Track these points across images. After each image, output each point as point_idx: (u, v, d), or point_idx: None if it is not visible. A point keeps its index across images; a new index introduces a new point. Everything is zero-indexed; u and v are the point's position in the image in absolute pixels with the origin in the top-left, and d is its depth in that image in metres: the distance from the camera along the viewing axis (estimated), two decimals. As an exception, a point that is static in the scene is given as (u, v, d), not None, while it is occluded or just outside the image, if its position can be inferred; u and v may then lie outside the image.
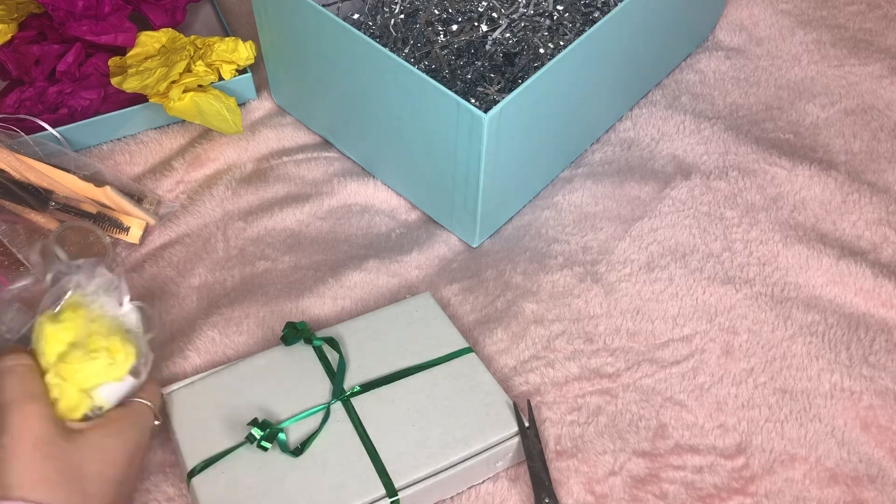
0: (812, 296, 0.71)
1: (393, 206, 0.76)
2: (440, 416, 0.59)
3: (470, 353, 0.63)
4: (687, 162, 0.80)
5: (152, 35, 0.82)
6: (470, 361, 0.62)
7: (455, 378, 0.61)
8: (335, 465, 0.56)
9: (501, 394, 0.61)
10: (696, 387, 0.65)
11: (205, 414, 0.59)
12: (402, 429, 0.58)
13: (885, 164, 0.80)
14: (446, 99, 0.60)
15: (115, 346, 0.56)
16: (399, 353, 0.62)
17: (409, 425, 0.58)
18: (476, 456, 0.58)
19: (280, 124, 0.82)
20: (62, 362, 0.55)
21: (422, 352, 0.62)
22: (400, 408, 0.59)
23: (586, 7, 0.76)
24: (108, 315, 0.57)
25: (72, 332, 0.55)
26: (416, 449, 0.57)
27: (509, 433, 0.59)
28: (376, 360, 0.62)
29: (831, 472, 0.61)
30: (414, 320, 0.65)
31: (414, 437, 0.58)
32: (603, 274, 0.72)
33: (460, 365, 0.62)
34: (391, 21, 0.75)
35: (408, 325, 0.64)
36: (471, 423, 0.59)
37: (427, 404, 0.59)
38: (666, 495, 0.60)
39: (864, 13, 0.94)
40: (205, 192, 0.76)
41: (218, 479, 0.56)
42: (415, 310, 0.66)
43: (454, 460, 0.57)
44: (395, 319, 0.65)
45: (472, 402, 0.60)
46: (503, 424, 0.59)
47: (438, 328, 0.64)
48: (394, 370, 0.61)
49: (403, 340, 0.63)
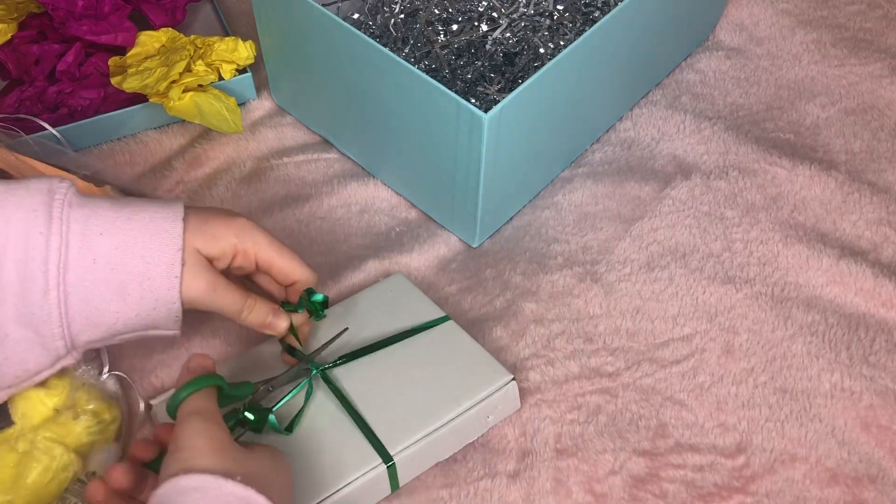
0: (812, 296, 0.71)
1: (393, 206, 0.76)
2: (425, 380, 0.59)
3: (448, 321, 0.64)
4: (687, 162, 0.80)
5: (152, 35, 0.82)
6: (449, 328, 0.63)
7: (435, 343, 0.62)
8: (327, 440, 0.56)
9: (483, 352, 0.62)
10: (696, 386, 0.65)
11: None
12: (389, 396, 0.59)
13: (886, 164, 0.80)
14: (446, 99, 0.60)
15: (101, 408, 0.58)
16: (377, 327, 0.63)
17: (395, 393, 0.59)
18: (466, 412, 0.58)
19: (280, 124, 0.82)
20: (54, 423, 0.56)
21: (399, 324, 0.63)
22: (384, 376, 0.60)
23: (586, 7, 0.76)
24: (89, 383, 0.59)
25: (58, 398, 0.57)
26: (406, 414, 0.58)
27: (499, 384, 0.60)
28: (355, 336, 0.62)
29: (831, 472, 0.61)
30: (389, 298, 0.66)
31: (402, 404, 0.58)
32: (603, 274, 0.72)
33: (440, 332, 0.63)
34: (391, 21, 0.75)
35: (384, 302, 0.65)
36: (457, 382, 0.60)
37: (410, 370, 0.60)
38: (666, 494, 0.60)
39: (865, 13, 0.94)
40: (205, 192, 0.76)
41: None
42: (389, 289, 0.67)
43: (445, 420, 0.58)
44: (370, 301, 0.66)
45: (455, 363, 0.61)
46: (490, 377, 0.60)
47: (414, 301, 0.65)
48: (375, 339, 0.62)
49: (381, 315, 0.64)
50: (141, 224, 0.53)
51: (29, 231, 0.50)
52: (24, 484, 0.54)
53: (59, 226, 0.50)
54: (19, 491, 0.54)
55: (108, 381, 0.61)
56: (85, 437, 0.56)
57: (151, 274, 0.52)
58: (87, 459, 0.57)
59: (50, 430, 0.56)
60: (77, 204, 0.52)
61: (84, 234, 0.51)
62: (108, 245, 0.51)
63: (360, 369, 0.60)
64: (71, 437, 0.56)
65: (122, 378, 0.62)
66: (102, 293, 0.51)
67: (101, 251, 0.51)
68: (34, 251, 0.50)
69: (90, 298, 0.51)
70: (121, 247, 0.52)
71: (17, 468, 0.55)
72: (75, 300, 0.51)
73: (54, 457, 0.55)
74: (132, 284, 0.52)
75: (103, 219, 0.52)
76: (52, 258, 0.50)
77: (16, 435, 0.56)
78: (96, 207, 0.53)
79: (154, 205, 0.54)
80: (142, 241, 0.52)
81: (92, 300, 0.51)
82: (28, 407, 0.57)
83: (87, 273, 0.51)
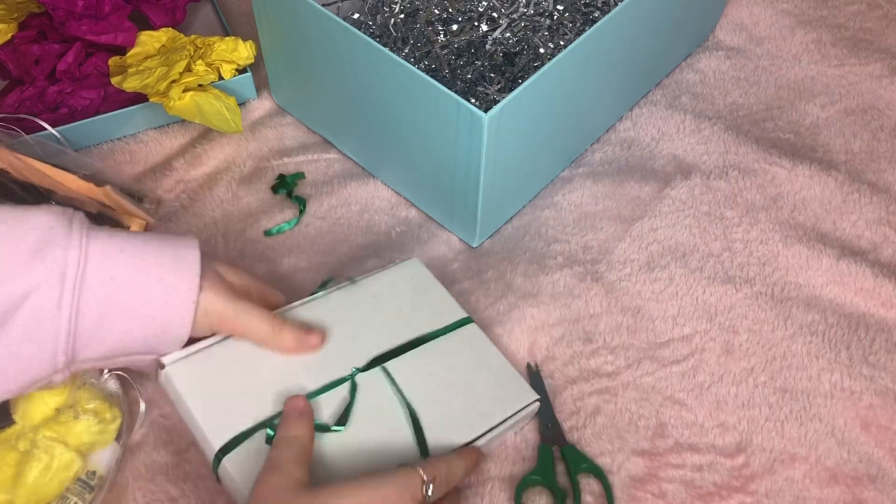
0: (812, 295, 0.71)
1: (393, 206, 0.76)
2: (458, 388, 0.59)
3: (471, 324, 0.64)
4: (687, 162, 0.80)
5: (152, 34, 0.82)
6: (472, 332, 0.64)
7: (462, 349, 0.62)
8: (374, 435, 0.55)
9: (508, 364, 0.62)
10: (695, 386, 0.65)
11: (219, 387, 0.55)
12: (428, 400, 0.58)
13: (886, 164, 0.80)
14: (446, 99, 0.60)
15: (102, 407, 0.58)
16: (405, 321, 0.62)
17: (430, 399, 0.58)
18: (498, 427, 0.58)
19: (280, 124, 0.82)
20: (55, 422, 0.56)
21: (426, 321, 0.63)
22: (418, 380, 0.59)
23: (586, 7, 0.76)
24: (89, 382, 0.59)
25: (59, 398, 0.57)
26: (446, 421, 0.57)
27: (527, 402, 0.60)
28: (386, 330, 0.61)
29: (831, 472, 0.61)
30: (411, 288, 0.65)
31: (440, 410, 0.58)
32: (603, 273, 0.72)
33: (464, 336, 0.63)
34: (391, 21, 0.75)
35: (406, 292, 0.64)
36: (487, 395, 0.60)
37: (442, 376, 0.60)
38: (665, 494, 0.60)
39: (865, 13, 0.94)
40: (205, 192, 0.76)
41: (252, 456, 0.52)
42: (409, 276, 0.66)
43: (479, 433, 0.57)
44: (392, 287, 0.64)
45: (482, 373, 0.61)
46: (520, 395, 0.61)
47: (437, 296, 0.65)
48: (404, 340, 0.61)
49: (406, 309, 0.63)
50: (160, 248, 0.52)
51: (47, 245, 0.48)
52: (24, 483, 0.55)
53: (80, 238, 0.49)
54: (20, 490, 0.54)
55: (109, 381, 0.61)
56: (86, 436, 0.57)
57: (168, 299, 0.51)
58: (87, 459, 0.57)
59: (51, 429, 0.56)
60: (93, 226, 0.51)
61: (104, 252, 0.50)
62: (128, 265, 0.51)
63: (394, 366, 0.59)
64: (72, 436, 0.56)
65: (123, 378, 0.62)
66: (115, 313, 0.50)
67: (121, 270, 0.50)
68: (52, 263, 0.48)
69: (103, 316, 0.50)
70: (140, 268, 0.51)
71: (18, 467, 0.55)
72: (87, 316, 0.50)
73: (55, 456, 0.55)
74: (146, 307, 0.51)
75: (123, 238, 0.51)
76: (70, 272, 0.49)
77: (16, 434, 0.56)
78: (113, 230, 0.52)
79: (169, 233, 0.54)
80: (161, 264, 0.51)
81: (104, 319, 0.50)
82: (29, 406, 0.57)
83: (104, 291, 0.50)
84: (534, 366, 0.66)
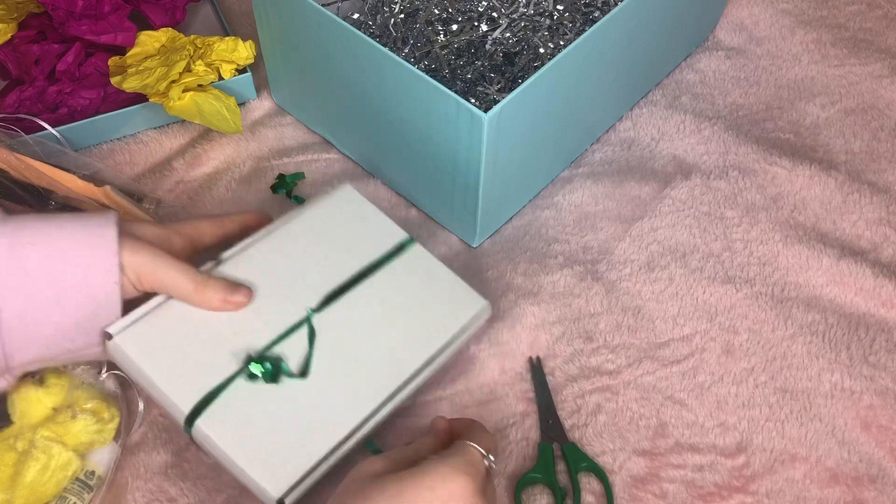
0: (812, 295, 0.71)
1: (393, 206, 0.76)
2: (412, 310, 0.60)
3: (415, 244, 0.64)
4: (687, 162, 0.80)
5: (152, 34, 0.82)
6: (418, 252, 0.64)
7: (410, 271, 0.63)
8: (337, 376, 0.55)
9: (456, 277, 0.63)
10: (696, 385, 0.65)
11: (174, 349, 0.53)
12: (385, 326, 0.59)
13: (886, 164, 0.80)
14: (446, 99, 0.60)
15: (100, 407, 0.58)
16: (350, 252, 0.62)
17: (387, 324, 0.59)
18: (457, 338, 0.60)
19: (280, 124, 0.82)
20: (53, 422, 0.56)
21: (370, 249, 0.63)
22: (374, 309, 0.59)
23: (586, 7, 0.76)
24: (87, 382, 0.59)
25: (56, 398, 0.57)
26: (407, 342, 0.58)
27: (478, 308, 0.62)
28: (332, 264, 0.60)
29: (832, 472, 0.61)
30: (348, 216, 0.64)
31: (399, 333, 0.59)
32: (603, 273, 0.72)
33: (411, 257, 0.63)
34: (391, 21, 0.75)
35: (345, 222, 0.64)
36: (440, 310, 0.61)
37: (396, 301, 0.60)
38: (666, 494, 0.60)
39: (865, 13, 0.94)
40: (205, 192, 0.76)
41: (224, 416, 0.51)
42: (345, 204, 0.65)
43: (438, 346, 0.59)
44: (331, 218, 0.63)
45: (433, 290, 0.62)
46: (471, 303, 0.62)
47: (376, 221, 0.65)
48: (352, 272, 0.61)
49: (348, 239, 0.63)
50: (72, 231, 0.51)
51: None
52: (22, 483, 0.55)
53: None
54: (18, 490, 0.54)
55: (106, 381, 0.61)
56: (83, 436, 0.56)
57: (90, 280, 0.50)
58: (85, 458, 0.57)
59: (48, 429, 0.56)
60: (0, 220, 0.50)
61: (11, 247, 0.49)
62: (40, 254, 0.49)
63: (345, 302, 0.59)
64: (69, 436, 0.56)
65: (121, 377, 0.62)
66: (39, 306, 0.49)
67: (33, 262, 0.49)
68: None
69: (26, 312, 0.49)
70: (53, 255, 0.49)
71: (16, 467, 0.55)
72: (9, 316, 0.48)
73: (52, 455, 0.55)
74: (69, 293, 0.50)
75: (32, 229, 0.50)
76: None
77: (14, 434, 0.56)
78: (22, 220, 0.50)
79: (85, 214, 0.52)
80: (76, 247, 0.50)
81: (28, 314, 0.49)
82: (26, 406, 0.57)
83: (20, 287, 0.48)
84: (535, 360, 0.66)
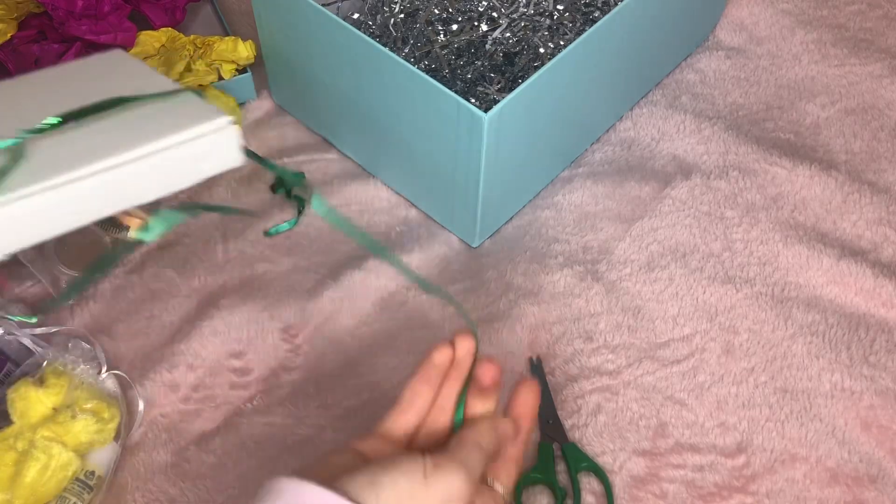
0: (812, 295, 0.71)
1: (393, 206, 0.76)
2: (136, 123, 0.49)
3: (186, 93, 0.52)
4: (687, 162, 0.80)
5: (152, 34, 0.82)
6: (189, 99, 0.52)
7: (161, 110, 0.51)
8: None
9: (207, 105, 0.51)
10: (696, 386, 0.65)
11: None
12: (97, 140, 0.48)
13: (886, 164, 0.80)
14: (446, 99, 0.60)
15: (100, 407, 0.58)
16: (99, 94, 0.51)
17: (95, 132, 0.48)
18: (169, 150, 0.47)
19: (280, 124, 0.82)
20: (53, 422, 0.56)
21: (122, 90, 0.52)
22: (100, 135, 0.49)
23: (586, 7, 0.76)
24: (87, 382, 0.59)
25: (56, 397, 0.57)
26: (115, 143, 0.47)
27: (213, 126, 0.48)
28: (68, 100, 0.51)
29: (832, 472, 0.61)
30: (108, 71, 0.57)
31: (110, 138, 0.48)
32: (603, 273, 0.72)
33: (170, 102, 0.52)
34: (391, 21, 0.75)
35: (104, 75, 0.57)
36: (163, 123, 0.49)
37: (125, 121, 0.50)
38: (666, 495, 0.60)
39: (865, 13, 0.94)
40: (205, 192, 0.76)
41: None
42: (107, 61, 0.58)
43: (142, 152, 0.46)
44: (85, 70, 0.57)
45: (171, 112, 0.50)
46: (203, 118, 0.49)
47: (143, 75, 0.56)
48: (86, 103, 0.50)
49: (101, 84, 0.55)
50: None
51: None
52: (22, 483, 0.55)
53: None
54: (18, 490, 0.54)
55: (106, 381, 0.61)
56: (83, 436, 0.56)
57: None
58: (85, 458, 0.57)
59: (48, 429, 0.56)
60: None
61: None
62: None
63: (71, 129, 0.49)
64: (69, 436, 0.56)
65: (121, 377, 0.62)
66: None
67: None
68: None
69: None
70: None
71: (16, 467, 0.55)
72: None
73: (53, 455, 0.55)
74: None
75: None
76: None
77: (14, 434, 0.56)
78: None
79: None
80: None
81: None
82: (26, 406, 0.57)
83: None
84: (535, 360, 0.66)
